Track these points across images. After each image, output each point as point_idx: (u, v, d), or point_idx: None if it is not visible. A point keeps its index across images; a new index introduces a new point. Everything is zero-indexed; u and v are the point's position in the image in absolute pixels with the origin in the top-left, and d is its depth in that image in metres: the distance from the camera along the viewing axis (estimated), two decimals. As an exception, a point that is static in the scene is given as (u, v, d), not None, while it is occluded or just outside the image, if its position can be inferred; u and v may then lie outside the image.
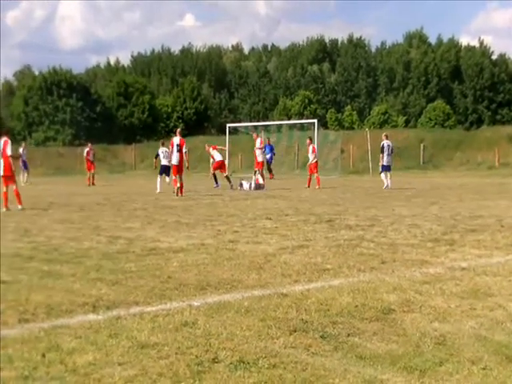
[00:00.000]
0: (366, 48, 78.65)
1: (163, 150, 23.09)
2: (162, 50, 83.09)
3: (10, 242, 8.45)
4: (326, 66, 77.46)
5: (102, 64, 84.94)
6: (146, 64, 79.08)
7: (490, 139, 40.29)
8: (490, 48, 69.09)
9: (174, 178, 19.05)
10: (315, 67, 75.58)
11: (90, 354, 3.68)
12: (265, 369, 3.41)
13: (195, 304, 4.83)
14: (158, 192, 20.12)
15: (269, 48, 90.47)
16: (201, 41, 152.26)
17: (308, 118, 52.89)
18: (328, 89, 72.42)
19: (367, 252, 7.40)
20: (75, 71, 65.40)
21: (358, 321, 4.36)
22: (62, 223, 10.93)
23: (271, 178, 29.39)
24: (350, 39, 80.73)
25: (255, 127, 43.27)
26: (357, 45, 78.40)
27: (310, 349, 3.76)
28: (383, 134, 24.46)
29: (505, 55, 68.16)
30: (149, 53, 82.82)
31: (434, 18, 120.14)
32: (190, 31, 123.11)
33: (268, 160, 29.28)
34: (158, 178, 21.78)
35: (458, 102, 63.13)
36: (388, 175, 22.55)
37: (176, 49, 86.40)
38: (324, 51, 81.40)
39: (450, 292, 5.26)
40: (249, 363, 3.49)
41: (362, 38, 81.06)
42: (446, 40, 72.61)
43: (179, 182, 18.58)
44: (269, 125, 46.89)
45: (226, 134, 40.45)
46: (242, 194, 19.84)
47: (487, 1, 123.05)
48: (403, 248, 7.70)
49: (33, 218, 11.85)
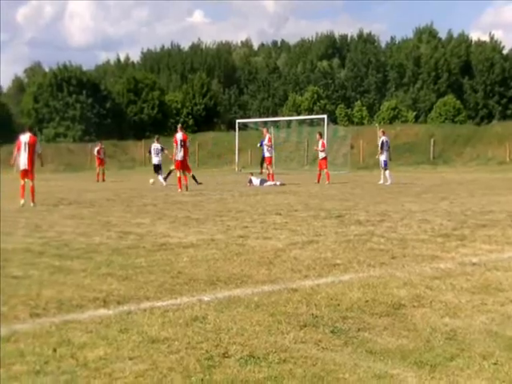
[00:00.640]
0: (376, 43, 78.35)
1: (156, 146, 23.70)
2: (171, 47, 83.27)
3: (21, 238, 8.50)
4: (336, 61, 77.23)
5: (112, 60, 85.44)
6: (155, 60, 79.19)
7: (500, 134, 40.03)
8: (500, 43, 68.56)
9: (178, 174, 19.17)
10: (325, 63, 75.35)
11: (101, 348, 3.69)
12: (275, 364, 3.41)
13: (205, 299, 4.83)
14: (165, 185, 20.71)
15: (278, 44, 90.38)
16: (210, 37, 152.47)
17: (318, 114, 52.77)
18: (338, 84, 72.17)
19: (377, 247, 7.37)
20: (85, 68, 65.63)
21: (369, 316, 4.35)
22: (73, 219, 10.98)
23: (261, 173, 29.93)
24: (360, 35, 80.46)
25: (265, 123, 43.23)
26: (366, 40, 78.13)
27: (320, 344, 3.75)
28: (380, 130, 24.52)
29: (515, 50, 67.70)
30: (158, 49, 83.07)
31: (443, 13, 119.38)
32: (199, 27, 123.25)
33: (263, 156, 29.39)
34: (159, 177, 22.53)
35: (468, 97, 62.72)
36: (386, 171, 22.61)
37: (185, 45, 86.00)
38: (333, 47, 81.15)
39: (461, 287, 5.23)
40: (259, 358, 3.49)
41: (371, 34, 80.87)
42: (456, 35, 72.21)
43: (183, 177, 18.88)
44: (278, 120, 46.92)
45: (235, 130, 40.53)
46: (251, 189, 19.85)
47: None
48: (413, 243, 7.67)
49: (43, 214, 11.91)
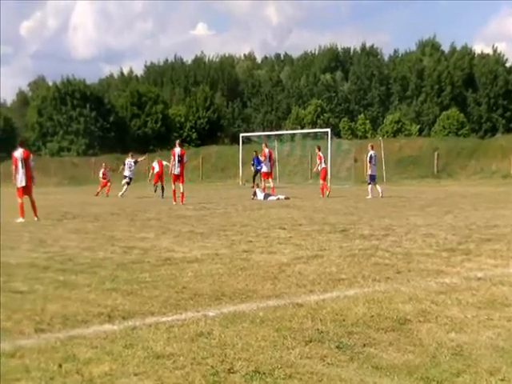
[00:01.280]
0: (379, 56, 78.67)
1: (129, 161, 25.93)
2: (174, 60, 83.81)
3: (25, 252, 8.53)
4: (339, 74, 77.49)
5: (115, 74, 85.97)
6: (158, 73, 79.67)
7: (504, 147, 40.03)
8: (504, 55, 68.85)
9: (174, 187, 19.66)
10: (328, 76, 75.64)
11: (106, 364, 3.69)
12: (280, 379, 3.41)
13: (210, 314, 4.83)
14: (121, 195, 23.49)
15: (281, 57, 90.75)
16: (213, 50, 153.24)
17: (321, 127, 52.91)
18: (341, 97, 72.40)
19: (382, 262, 7.37)
20: (88, 81, 66.14)
21: (374, 331, 4.34)
22: (77, 233, 11.00)
23: (253, 187, 30.45)
24: (363, 47, 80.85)
25: (268, 136, 43.40)
26: (369, 53, 78.48)
27: (325, 359, 3.75)
28: (369, 145, 24.78)
29: (519, 62, 67.92)
30: (162, 62, 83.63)
31: (446, 26, 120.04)
32: (203, 40, 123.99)
33: (256, 171, 29.62)
34: (124, 187, 24.63)
35: (471, 110, 62.87)
36: (375, 184, 23.01)
37: (188, 58, 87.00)
38: (337, 60, 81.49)
39: (467, 302, 5.22)
40: (264, 373, 3.49)
41: (374, 47, 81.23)
42: (459, 47, 72.50)
43: (179, 191, 19.36)
44: (282, 134, 47.10)
45: (239, 144, 40.68)
46: (255, 203, 19.88)
47: (500, 7, 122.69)
48: (418, 258, 7.66)
49: (47, 228, 11.94)
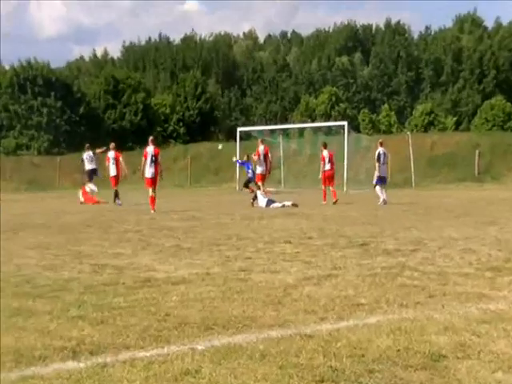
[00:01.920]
0: (407, 35, 78.96)
1: (88, 154, 26.44)
2: (159, 39, 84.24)
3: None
4: (358, 56, 77.84)
5: (87, 56, 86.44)
6: (139, 56, 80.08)
7: (561, 144, 40.15)
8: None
9: (151, 193, 20.12)
10: (344, 59, 75.99)
11: (69, 409, 3.65)
12: (285, 429, 3.36)
13: (199, 348, 4.80)
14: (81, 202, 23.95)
15: (288, 36, 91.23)
16: (206, 28, 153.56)
17: (336, 120, 53.03)
18: (360, 84, 72.77)
19: (410, 283, 7.35)
20: (54, 65, 66.36)
21: (401, 369, 4.31)
22: (37, 249, 10.96)
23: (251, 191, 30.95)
24: (387, 24, 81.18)
25: (272, 131, 43.42)
26: (395, 31, 78.76)
27: (341, 404, 3.71)
28: (378, 141, 24.85)
29: None
30: (143, 42, 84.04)
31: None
32: (194, 17, 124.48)
33: (250, 178, 29.86)
34: (90, 184, 25.10)
35: (521, 99, 63.01)
36: (383, 188, 23.24)
37: (176, 38, 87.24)
38: (355, 39, 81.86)
39: (516, 333, 5.18)
40: (265, 422, 3.44)
41: (401, 23, 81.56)
42: (505, 23, 72.71)
43: (151, 196, 19.95)
44: (288, 129, 47.14)
45: (236, 140, 40.69)
46: (255, 212, 19.89)
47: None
48: (455, 278, 7.62)
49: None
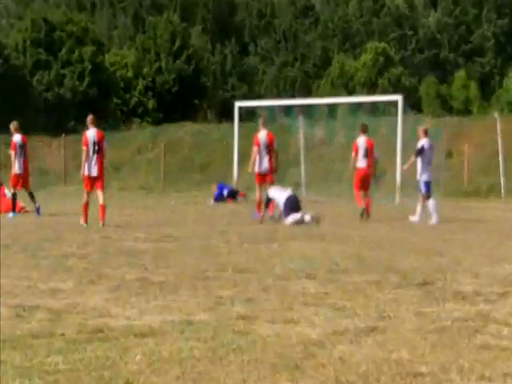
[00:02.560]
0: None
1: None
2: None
3: None
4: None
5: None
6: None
7: None
8: None
9: (86, 198, 20.60)
10: (399, -1, 75.89)
11: None
12: None
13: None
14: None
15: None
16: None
17: (385, 92, 52.91)
18: (424, 38, 72.52)
19: (495, 344, 7.33)
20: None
21: None
22: None
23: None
24: None
25: (287, 109, 43.24)
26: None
27: None
28: (420, 129, 24.61)
29: None
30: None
31: None
32: None
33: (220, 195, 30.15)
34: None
35: None
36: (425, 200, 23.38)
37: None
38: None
39: None
40: None
41: None
42: None
43: (86, 202, 20.48)
44: (312, 105, 46.91)
45: (233, 121, 40.53)
46: (262, 229, 20.01)
47: None
48: None
49: None
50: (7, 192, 26.29)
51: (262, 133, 24.08)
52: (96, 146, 20.43)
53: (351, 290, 10.26)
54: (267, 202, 22.70)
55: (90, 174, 20.44)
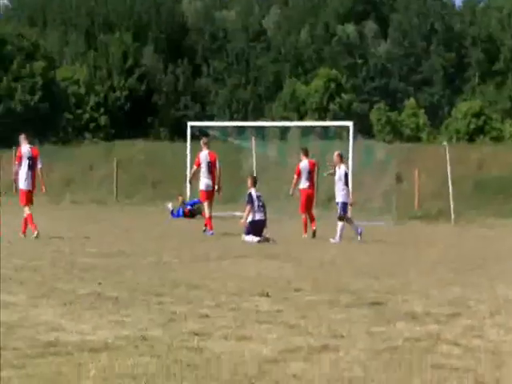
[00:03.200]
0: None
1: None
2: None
3: None
4: (370, 26, 78.34)
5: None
6: (38, 5, 79.50)
7: None
8: None
9: (27, 211, 21.02)
10: (350, 28, 76.48)
11: None
12: None
13: None
14: None
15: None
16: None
17: (336, 118, 53.25)
18: (374, 67, 73.13)
19: (447, 364, 7.40)
20: None
21: None
22: None
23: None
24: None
25: (240, 130, 43.28)
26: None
27: None
28: (336, 154, 25.05)
29: None
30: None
31: None
32: None
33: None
34: None
35: None
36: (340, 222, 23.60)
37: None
38: (367, 0, 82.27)
39: None
40: None
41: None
42: None
43: (28, 214, 20.87)
44: (264, 127, 47.02)
45: (185, 139, 40.47)
46: (216, 247, 20.01)
47: None
48: (515, 359, 7.70)
49: None
50: None
51: (204, 152, 24.83)
52: (29, 162, 21.24)
53: (304, 309, 10.31)
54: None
55: (24, 187, 21.28)
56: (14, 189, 22.84)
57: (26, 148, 21.62)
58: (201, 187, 25.00)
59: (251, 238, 21.99)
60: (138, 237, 23.15)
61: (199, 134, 39.47)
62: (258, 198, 22.96)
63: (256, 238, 22.04)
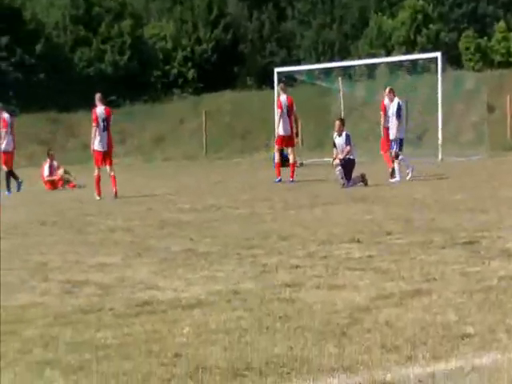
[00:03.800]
0: None
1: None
2: None
3: None
4: None
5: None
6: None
7: None
8: None
9: (98, 172, 21.59)
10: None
11: None
12: None
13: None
14: None
15: None
16: None
17: (424, 50, 52.36)
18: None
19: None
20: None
21: None
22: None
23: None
24: None
25: (326, 72, 42.97)
26: None
27: None
28: (388, 89, 24.47)
29: None
30: None
31: None
32: None
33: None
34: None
35: None
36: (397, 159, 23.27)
37: None
38: None
39: None
40: None
41: None
42: None
43: (97, 175, 21.44)
44: (351, 66, 46.60)
45: (273, 87, 40.36)
46: (303, 194, 19.98)
47: None
48: None
49: None
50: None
51: (283, 97, 25.07)
52: (104, 123, 21.45)
53: (396, 253, 10.26)
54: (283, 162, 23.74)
55: (100, 148, 21.57)
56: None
57: (100, 109, 21.78)
58: (279, 132, 25.31)
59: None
60: (228, 189, 23.30)
61: (285, 80, 39.38)
62: (347, 137, 22.80)
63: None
